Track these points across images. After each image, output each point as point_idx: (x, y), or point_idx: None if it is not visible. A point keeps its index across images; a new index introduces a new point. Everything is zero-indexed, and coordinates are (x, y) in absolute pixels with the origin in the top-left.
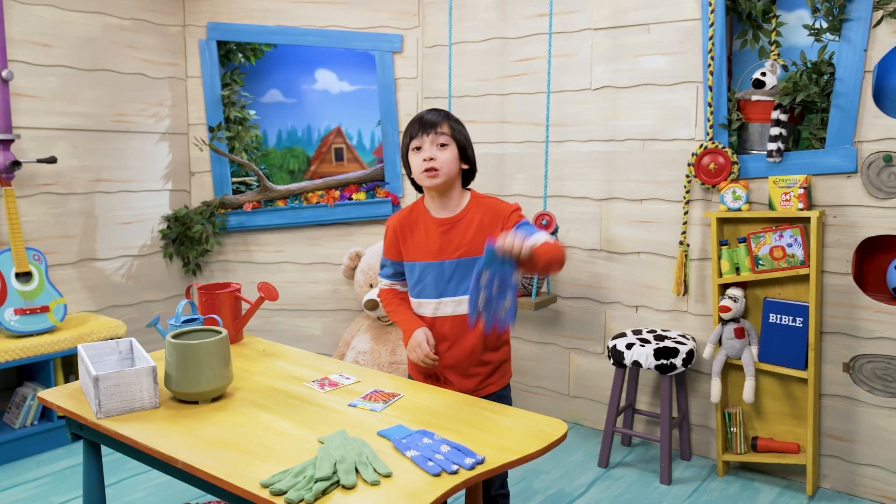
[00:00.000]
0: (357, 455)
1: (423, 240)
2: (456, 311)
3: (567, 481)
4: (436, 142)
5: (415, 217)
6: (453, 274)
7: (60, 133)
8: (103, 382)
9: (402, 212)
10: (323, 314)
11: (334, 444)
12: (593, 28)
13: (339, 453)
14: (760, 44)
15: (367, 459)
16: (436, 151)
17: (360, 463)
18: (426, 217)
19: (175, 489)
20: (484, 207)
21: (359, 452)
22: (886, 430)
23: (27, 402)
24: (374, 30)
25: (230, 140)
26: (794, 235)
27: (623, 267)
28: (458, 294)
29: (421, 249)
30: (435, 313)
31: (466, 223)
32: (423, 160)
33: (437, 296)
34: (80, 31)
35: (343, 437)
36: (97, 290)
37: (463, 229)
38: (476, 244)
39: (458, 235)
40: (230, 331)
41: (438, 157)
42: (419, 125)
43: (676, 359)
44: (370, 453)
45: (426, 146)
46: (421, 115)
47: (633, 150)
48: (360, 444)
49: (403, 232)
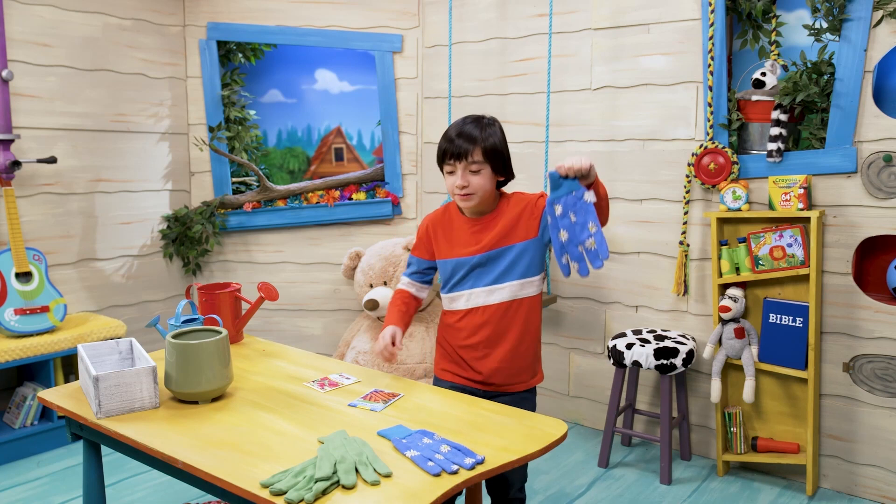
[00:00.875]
0: (357, 455)
1: (457, 238)
2: (488, 301)
3: (567, 481)
4: (468, 168)
5: (448, 217)
6: (486, 264)
7: (60, 133)
8: (103, 382)
9: (437, 212)
10: (323, 314)
11: (334, 444)
12: (593, 28)
13: (339, 453)
14: (760, 44)
15: (367, 459)
16: (469, 177)
17: (360, 463)
18: (460, 218)
19: (175, 489)
20: (513, 203)
21: (359, 452)
22: (886, 430)
23: (27, 402)
24: (374, 30)
25: (230, 140)
26: (794, 235)
27: (623, 267)
28: (487, 283)
29: (456, 247)
30: (468, 304)
31: (498, 218)
32: (457, 185)
33: (471, 286)
34: (80, 31)
35: (343, 437)
36: (97, 290)
37: (494, 225)
38: (506, 235)
39: (490, 231)
40: (230, 331)
41: (472, 182)
42: (451, 152)
43: (676, 359)
44: (370, 453)
45: (458, 172)
46: (452, 137)
47: (633, 150)
48: (359, 444)
49: (437, 232)
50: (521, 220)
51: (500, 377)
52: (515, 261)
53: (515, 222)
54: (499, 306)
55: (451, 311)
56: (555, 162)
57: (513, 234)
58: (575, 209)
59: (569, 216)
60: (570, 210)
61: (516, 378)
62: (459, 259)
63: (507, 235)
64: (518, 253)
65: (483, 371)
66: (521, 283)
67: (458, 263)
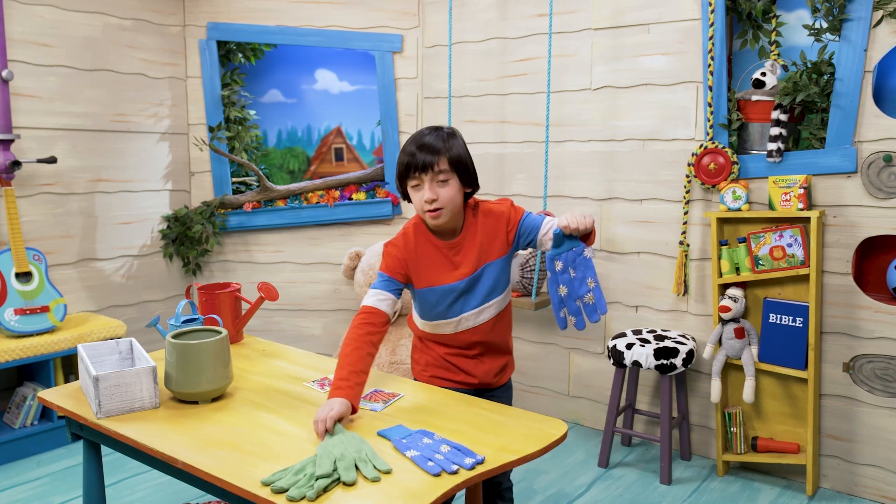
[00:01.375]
0: (356, 452)
1: (434, 263)
2: (477, 321)
3: (567, 481)
4: (435, 179)
5: (418, 242)
6: (472, 288)
7: (60, 133)
8: (103, 382)
9: (402, 239)
10: (323, 314)
11: (333, 441)
12: (593, 28)
13: (339, 451)
14: (760, 44)
15: (366, 456)
16: (437, 189)
17: (359, 460)
18: (430, 243)
19: (175, 489)
20: (481, 216)
21: (358, 449)
22: (886, 430)
23: (27, 402)
24: (374, 30)
25: (230, 140)
26: (794, 235)
27: (623, 267)
28: (476, 306)
29: (436, 275)
30: (456, 329)
31: (471, 237)
32: (425, 201)
33: (458, 313)
34: (80, 31)
35: (342, 435)
36: (97, 290)
37: (469, 245)
38: (484, 255)
39: (467, 253)
40: (230, 331)
41: (441, 195)
42: (415, 165)
43: (676, 359)
44: (369, 450)
45: (425, 185)
46: (413, 151)
47: (633, 150)
48: (358, 441)
49: (411, 259)
50: (498, 235)
51: (491, 377)
52: (497, 276)
53: (492, 238)
54: (487, 323)
55: (436, 334)
56: (555, 162)
57: (490, 252)
58: (574, 265)
59: (568, 272)
60: (570, 266)
61: (503, 374)
62: (445, 287)
63: (484, 253)
64: (499, 269)
65: (477, 374)
66: (503, 297)
67: (445, 291)
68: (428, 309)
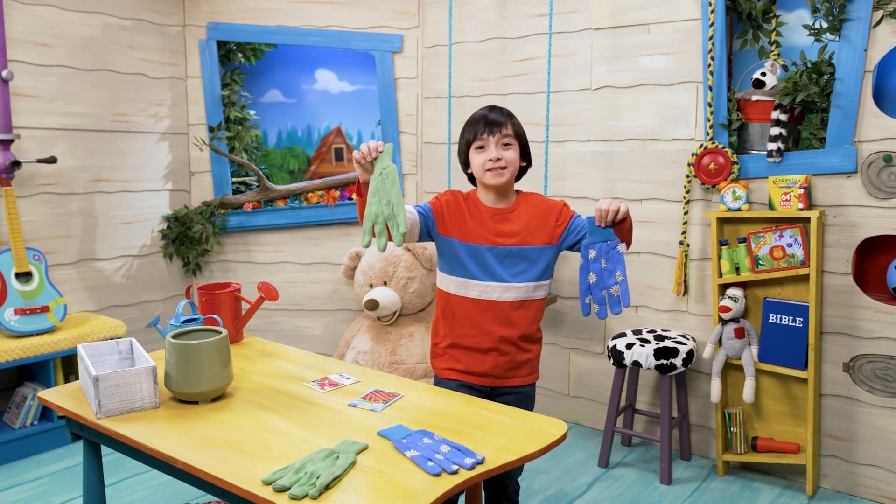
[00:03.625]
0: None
1: (478, 224)
2: (503, 297)
3: (567, 481)
4: (501, 141)
5: (468, 203)
6: (505, 259)
7: (60, 133)
8: (103, 382)
9: (457, 192)
10: (323, 314)
11: (321, 454)
12: (593, 28)
13: (324, 454)
14: (760, 44)
15: (393, 210)
16: (501, 151)
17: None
18: (480, 206)
19: (175, 489)
20: (533, 203)
21: (388, 202)
22: (886, 430)
23: (27, 402)
24: (374, 30)
25: (230, 140)
26: (794, 235)
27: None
28: (506, 280)
29: (476, 232)
30: (481, 296)
31: (518, 215)
32: (490, 160)
33: (487, 279)
34: (80, 31)
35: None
36: (97, 290)
37: (515, 219)
38: (528, 235)
39: (511, 225)
40: (230, 331)
41: (504, 156)
42: (484, 124)
43: (676, 359)
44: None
45: (491, 146)
46: (483, 114)
47: (633, 150)
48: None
49: (459, 208)
50: (546, 223)
51: (501, 370)
52: (534, 262)
53: (539, 223)
54: (511, 304)
55: (458, 296)
56: (555, 162)
57: (535, 236)
58: (608, 256)
59: (600, 261)
60: (603, 256)
61: (518, 372)
62: (479, 245)
63: (529, 235)
64: (537, 255)
65: (487, 363)
66: (535, 286)
67: (477, 250)
68: (459, 264)
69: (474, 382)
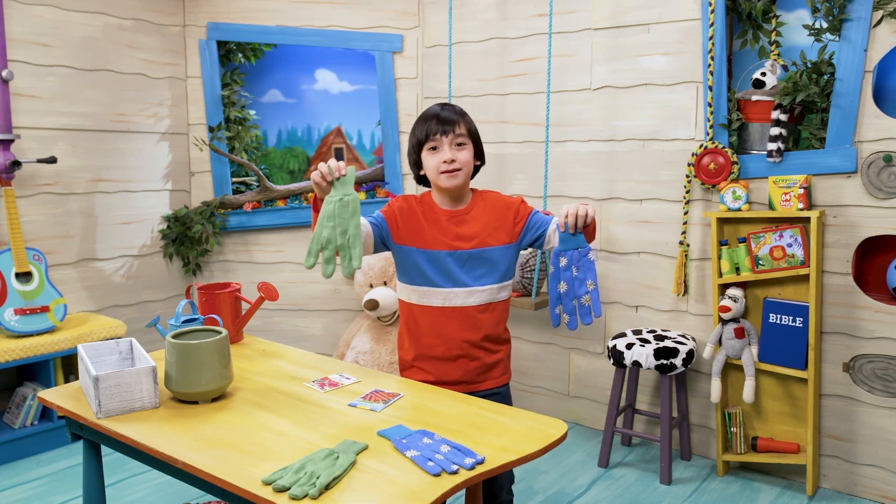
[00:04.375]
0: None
1: (435, 229)
2: (467, 302)
3: (567, 481)
4: (454, 141)
5: (422, 207)
6: (466, 263)
7: (60, 133)
8: (103, 382)
9: (410, 197)
10: (323, 314)
11: (320, 454)
12: (593, 28)
13: (324, 454)
14: (760, 44)
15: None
16: (455, 152)
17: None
18: (435, 209)
19: (175, 489)
20: (490, 202)
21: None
22: (886, 430)
23: (27, 402)
24: (374, 30)
25: (230, 140)
26: (794, 235)
27: (623, 267)
28: (469, 285)
29: (434, 238)
30: (444, 303)
31: (475, 216)
32: (444, 161)
33: (450, 285)
34: (80, 31)
35: (339, 195)
36: (97, 290)
37: (472, 221)
38: (487, 236)
39: (469, 227)
40: (230, 331)
41: (458, 157)
42: (436, 123)
43: (676, 359)
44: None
45: (444, 147)
46: (435, 112)
47: (633, 150)
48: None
49: (413, 214)
50: (505, 222)
51: (472, 375)
52: (495, 263)
53: (498, 223)
54: (476, 308)
55: (420, 306)
56: (555, 162)
57: (494, 236)
58: (579, 265)
59: (571, 269)
60: (574, 264)
61: (489, 375)
62: (438, 252)
63: (488, 236)
64: (499, 256)
65: (457, 371)
66: (499, 287)
67: (436, 256)
68: (419, 273)
69: (448, 389)
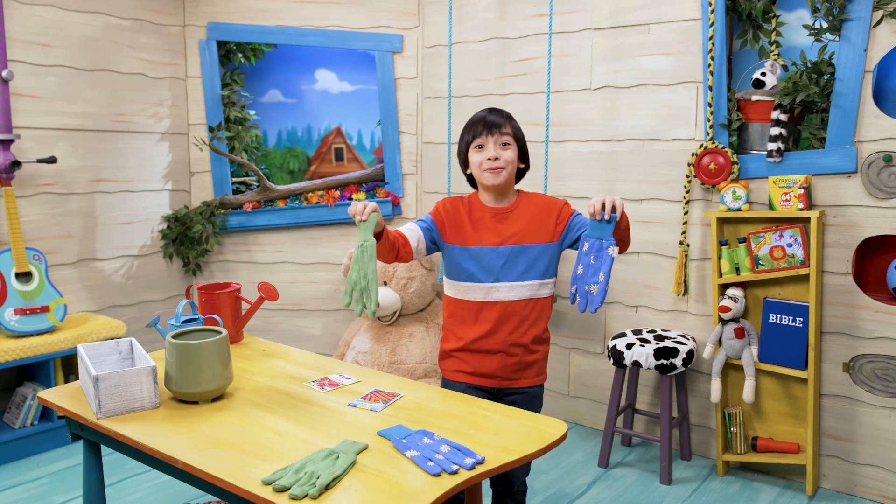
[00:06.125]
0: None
1: (480, 226)
2: (508, 297)
3: (567, 481)
4: (499, 141)
5: (468, 206)
6: (507, 259)
7: (60, 133)
8: (103, 382)
9: (455, 198)
10: (323, 314)
11: (320, 455)
12: (593, 28)
13: (324, 455)
14: (760, 44)
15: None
16: (499, 151)
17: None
18: (480, 207)
19: (175, 489)
20: (534, 202)
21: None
22: (886, 430)
23: (27, 402)
24: (374, 30)
25: (230, 140)
26: (794, 235)
27: (623, 267)
28: (510, 279)
29: (479, 235)
30: (486, 297)
31: (519, 214)
32: (488, 159)
33: (492, 280)
34: (80, 31)
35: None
36: (97, 290)
37: (515, 219)
38: (529, 233)
39: (512, 224)
40: (230, 331)
41: (502, 155)
42: (483, 125)
43: (676, 359)
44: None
45: (489, 145)
46: (483, 115)
47: (633, 150)
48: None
49: (458, 214)
50: (547, 221)
51: (508, 371)
52: (537, 260)
53: (540, 222)
54: (517, 303)
55: (464, 300)
56: (555, 162)
57: (536, 234)
58: (598, 255)
59: (590, 256)
60: (594, 252)
61: (525, 374)
62: (482, 248)
63: (530, 233)
64: (540, 253)
65: (493, 364)
66: (539, 284)
67: (480, 252)
68: (463, 269)
69: (481, 384)
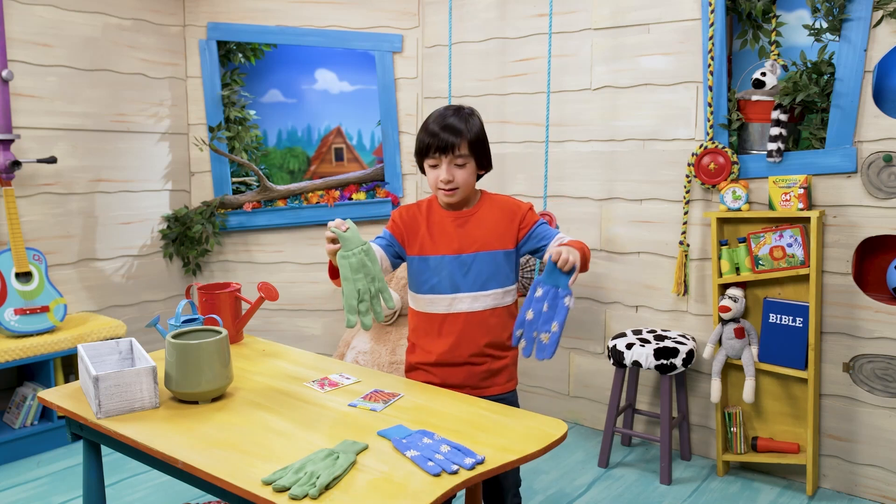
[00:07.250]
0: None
1: (438, 234)
2: (472, 308)
3: (567, 481)
4: (453, 162)
5: (426, 211)
6: (470, 268)
7: (60, 133)
8: (103, 382)
9: (412, 205)
10: (323, 314)
11: (321, 454)
12: (593, 28)
13: (324, 454)
14: (760, 44)
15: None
16: (454, 171)
17: (372, 295)
18: (440, 212)
19: (175, 489)
20: (498, 205)
21: (371, 278)
22: (886, 430)
23: (27, 402)
24: (374, 30)
25: (230, 140)
26: (794, 235)
27: (623, 267)
28: (473, 290)
29: (437, 243)
30: (449, 309)
31: (480, 217)
32: (441, 180)
33: (453, 291)
34: (80, 31)
35: (352, 249)
36: (97, 290)
37: (477, 223)
38: (492, 239)
39: (473, 229)
40: (230, 331)
41: (456, 176)
42: (436, 146)
43: (676, 359)
44: (381, 282)
45: (443, 166)
46: (436, 131)
47: (633, 150)
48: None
49: (415, 223)
50: (511, 226)
51: (477, 379)
52: (500, 267)
53: (505, 228)
54: (481, 313)
55: (426, 313)
56: (555, 162)
57: (500, 240)
58: (552, 303)
59: (543, 304)
60: (548, 301)
61: (495, 380)
62: (443, 257)
63: (494, 240)
64: (503, 259)
65: (461, 374)
66: (504, 291)
67: (441, 262)
68: (425, 280)
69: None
